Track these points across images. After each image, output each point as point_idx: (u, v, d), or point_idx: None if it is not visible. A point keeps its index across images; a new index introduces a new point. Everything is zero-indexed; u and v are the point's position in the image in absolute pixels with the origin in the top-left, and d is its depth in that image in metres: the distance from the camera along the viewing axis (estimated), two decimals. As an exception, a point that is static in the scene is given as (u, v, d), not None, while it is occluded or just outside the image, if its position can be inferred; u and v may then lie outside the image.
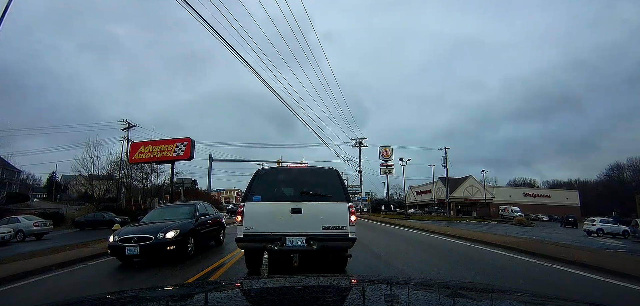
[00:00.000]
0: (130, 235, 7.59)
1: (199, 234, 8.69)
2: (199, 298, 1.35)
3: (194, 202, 10.58)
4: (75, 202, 42.37)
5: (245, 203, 5.31)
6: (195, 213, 9.09)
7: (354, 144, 53.92)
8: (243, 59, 14.03)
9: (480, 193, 58.85)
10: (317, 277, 2.10)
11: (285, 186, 5.83)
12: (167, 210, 9.72)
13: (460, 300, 1.32)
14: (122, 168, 36.53)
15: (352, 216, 5.24)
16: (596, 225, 28.99)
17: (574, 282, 6.13)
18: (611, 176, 67.54)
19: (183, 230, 7.88)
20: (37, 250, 11.09)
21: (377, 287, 1.53)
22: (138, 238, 7.46)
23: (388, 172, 53.87)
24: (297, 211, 5.21)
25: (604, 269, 6.87)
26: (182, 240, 7.74)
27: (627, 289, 5.65)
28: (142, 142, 28.18)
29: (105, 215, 27.39)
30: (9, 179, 51.85)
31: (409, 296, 1.30)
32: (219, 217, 11.06)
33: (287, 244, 5.09)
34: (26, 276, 6.84)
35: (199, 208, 9.49)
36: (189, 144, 24.87)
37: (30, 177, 58.55)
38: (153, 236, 7.42)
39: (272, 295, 1.34)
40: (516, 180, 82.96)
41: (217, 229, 10.39)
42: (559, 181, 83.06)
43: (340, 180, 5.81)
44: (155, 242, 7.36)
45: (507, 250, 9.92)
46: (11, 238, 18.14)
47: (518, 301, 1.28)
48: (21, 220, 20.96)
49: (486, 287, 1.63)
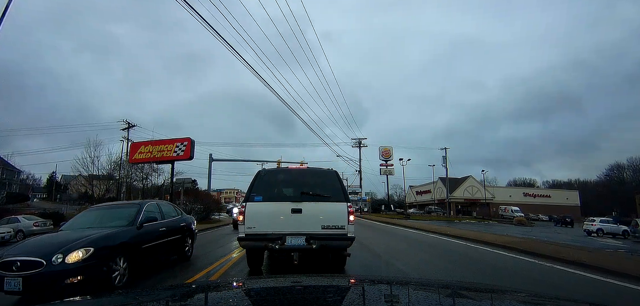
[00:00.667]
0: (13, 258, 4.66)
1: (140, 250, 6.00)
2: (199, 298, 1.35)
3: (138, 202, 7.79)
4: (75, 202, 42.37)
5: (247, 203, 5.43)
6: (136, 219, 6.22)
7: (354, 144, 53.95)
8: (242, 59, 14.04)
9: (480, 193, 58.87)
10: (318, 277, 2.11)
11: (285, 186, 5.92)
12: (101, 213, 6.85)
13: (460, 300, 1.32)
14: (122, 168, 36.57)
15: (350, 216, 5.34)
16: (596, 225, 29.03)
17: (574, 282, 6.13)
18: (611, 176, 67.59)
19: (102, 247, 5.10)
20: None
21: (377, 287, 1.53)
22: (22, 263, 4.58)
23: (388, 172, 53.88)
24: (298, 211, 5.31)
25: (603, 269, 6.88)
26: (97, 264, 4.92)
27: (627, 289, 5.66)
28: (142, 142, 28.14)
29: (105, 215, 27.33)
30: (9, 179, 51.88)
31: (409, 296, 1.30)
32: (186, 222, 8.25)
33: (287, 243, 5.17)
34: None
35: (144, 211, 6.59)
36: (189, 144, 24.86)
37: (30, 177, 58.50)
38: (44, 261, 4.58)
39: (273, 295, 1.34)
40: (516, 180, 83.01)
41: (178, 240, 7.56)
42: (559, 181, 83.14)
43: (340, 181, 5.93)
44: (48, 271, 4.54)
45: (507, 250, 9.93)
46: (11, 238, 18.13)
47: (518, 301, 1.28)
48: (21, 220, 20.95)
49: (486, 287, 1.63)
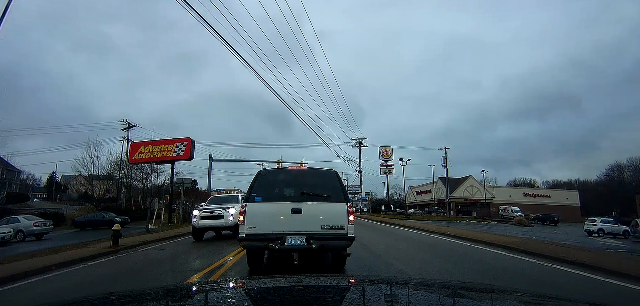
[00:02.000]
0: None
1: None
2: (199, 298, 1.35)
3: None
4: (75, 202, 42.32)
5: (247, 204, 5.42)
6: None
7: (354, 144, 53.94)
8: (241, 57, 14.03)
9: (480, 193, 58.84)
10: (318, 277, 2.11)
11: (285, 187, 5.91)
12: None
13: (460, 300, 1.32)
14: (122, 168, 36.59)
15: (350, 216, 5.35)
16: (597, 225, 29.01)
17: (574, 282, 6.13)
18: (611, 176, 67.55)
19: None
20: (37, 250, 11.09)
21: (377, 287, 1.53)
22: None
23: (388, 172, 53.86)
24: (298, 211, 5.31)
25: (603, 269, 6.88)
26: None
27: (627, 289, 5.66)
28: (142, 142, 28.14)
29: (105, 215, 27.39)
30: (9, 179, 51.85)
31: (409, 296, 1.30)
32: None
33: (287, 243, 5.17)
34: (26, 276, 6.84)
35: None
36: (189, 144, 24.86)
37: (30, 177, 58.47)
38: None
39: (273, 295, 1.34)
40: (516, 180, 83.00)
41: None
42: (559, 181, 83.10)
43: (339, 181, 5.93)
44: None
45: (507, 250, 9.92)
46: (11, 238, 18.14)
47: (518, 301, 1.28)
48: (21, 220, 20.95)
49: (486, 287, 1.63)
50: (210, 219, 12.10)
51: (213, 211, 12.19)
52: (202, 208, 12.65)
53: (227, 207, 12.35)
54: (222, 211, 12.16)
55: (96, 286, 6.09)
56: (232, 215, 11.99)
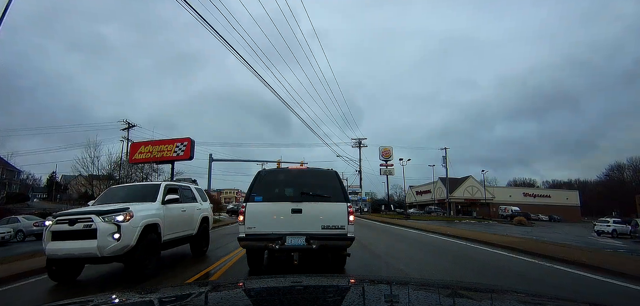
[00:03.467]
0: None
1: None
2: (199, 298, 1.35)
3: None
4: (75, 202, 42.26)
5: (247, 204, 5.43)
6: None
7: (354, 144, 53.91)
8: (239, 55, 14.04)
9: (480, 193, 58.85)
10: (318, 277, 2.10)
11: (285, 187, 5.90)
12: None
13: (460, 300, 1.32)
14: (122, 168, 36.55)
15: (350, 216, 5.35)
16: (611, 226, 28.92)
17: (574, 282, 6.12)
18: (611, 176, 67.66)
19: None
20: (37, 250, 11.08)
21: (377, 287, 1.52)
22: None
23: (388, 172, 53.83)
24: (298, 211, 5.32)
25: (603, 269, 6.87)
26: None
27: (627, 289, 5.66)
28: (142, 142, 28.10)
29: (105, 215, 27.31)
30: (9, 179, 51.85)
31: (409, 296, 1.30)
32: None
33: (287, 243, 5.17)
34: (26, 276, 6.84)
35: None
36: (189, 144, 24.84)
37: (30, 177, 58.44)
38: None
39: (273, 295, 1.34)
40: (516, 180, 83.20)
41: None
42: (559, 181, 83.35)
43: (339, 181, 5.92)
44: None
45: (507, 250, 9.93)
46: (11, 238, 18.14)
47: (518, 301, 1.27)
48: (21, 220, 20.94)
49: (486, 287, 1.63)
50: (68, 239, 5.69)
51: (74, 220, 5.69)
52: (59, 216, 6.02)
53: (118, 210, 5.72)
54: (97, 220, 5.52)
55: (96, 286, 6.09)
56: (124, 227, 5.55)
